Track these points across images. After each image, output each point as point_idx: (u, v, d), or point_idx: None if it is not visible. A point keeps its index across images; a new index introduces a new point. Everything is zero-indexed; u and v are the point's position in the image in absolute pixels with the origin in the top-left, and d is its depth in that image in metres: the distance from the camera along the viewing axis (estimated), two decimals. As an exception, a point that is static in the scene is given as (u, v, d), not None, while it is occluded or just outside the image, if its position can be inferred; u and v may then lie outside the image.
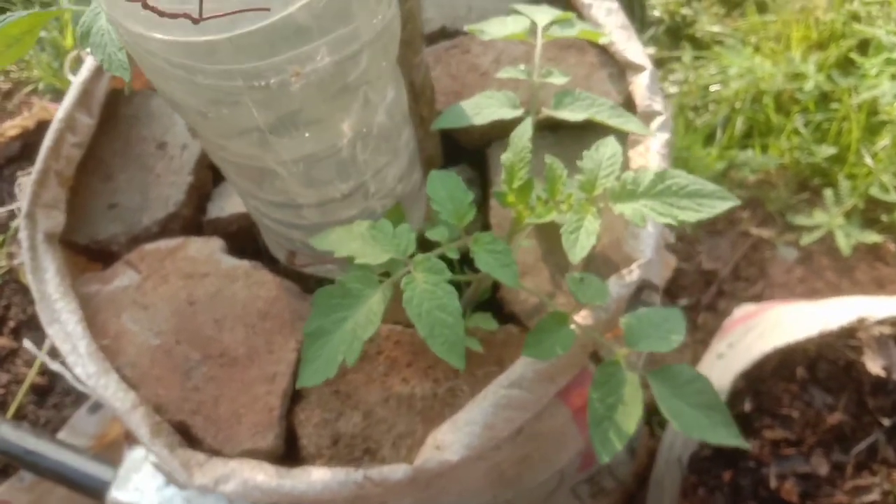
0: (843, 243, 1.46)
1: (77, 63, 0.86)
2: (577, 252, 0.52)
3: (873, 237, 1.45)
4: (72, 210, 0.79)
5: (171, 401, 0.68)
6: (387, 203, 0.65)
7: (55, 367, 0.72)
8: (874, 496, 0.90)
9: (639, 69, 0.74)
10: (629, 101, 0.76)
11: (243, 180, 0.58)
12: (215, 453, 0.65)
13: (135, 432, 0.64)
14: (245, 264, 0.73)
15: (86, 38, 0.52)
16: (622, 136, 0.70)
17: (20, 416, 1.17)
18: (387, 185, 0.63)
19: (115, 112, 0.85)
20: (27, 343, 0.82)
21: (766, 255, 1.53)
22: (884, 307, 0.95)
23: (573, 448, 0.76)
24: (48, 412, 1.17)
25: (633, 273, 0.66)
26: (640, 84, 0.73)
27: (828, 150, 1.51)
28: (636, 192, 0.54)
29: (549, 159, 0.58)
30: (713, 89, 1.64)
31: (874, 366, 0.95)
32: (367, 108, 0.53)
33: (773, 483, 0.91)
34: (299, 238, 0.65)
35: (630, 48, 0.75)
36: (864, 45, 1.58)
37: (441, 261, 0.52)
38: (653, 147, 0.70)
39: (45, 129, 0.79)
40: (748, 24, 1.71)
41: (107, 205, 0.80)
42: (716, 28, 1.73)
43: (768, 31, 1.68)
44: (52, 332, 0.69)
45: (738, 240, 1.55)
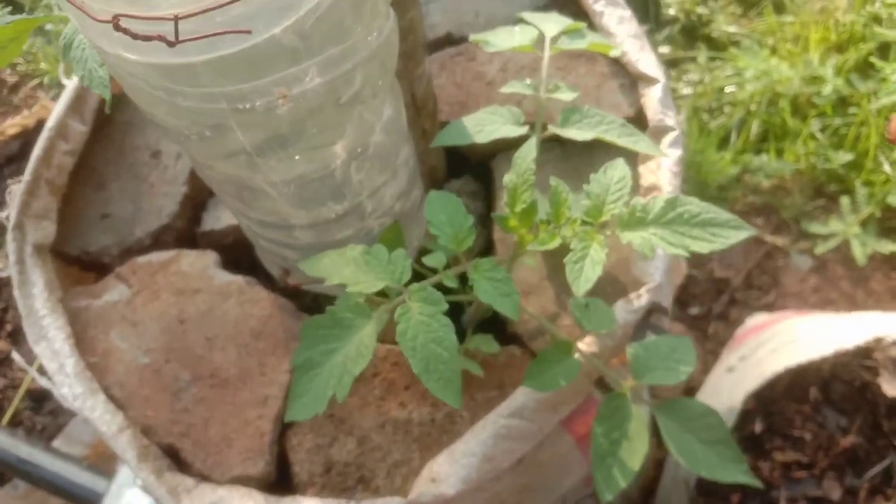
0: (859, 252, 1.42)
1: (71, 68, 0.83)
2: (581, 284, 0.49)
3: (890, 246, 1.41)
4: (63, 219, 0.77)
5: (159, 423, 0.65)
6: (384, 222, 0.62)
7: (44, 383, 0.70)
8: (888, 523, 0.87)
9: (651, 81, 0.71)
10: (640, 114, 0.73)
11: (233, 200, 0.55)
12: (204, 478, 0.63)
13: (121, 457, 0.62)
14: (239, 280, 0.71)
15: (67, 50, 0.50)
16: (632, 152, 0.67)
17: (16, 422, 1.16)
18: (384, 205, 0.60)
19: (109, 119, 0.82)
20: (16, 356, 0.80)
21: (779, 264, 1.49)
22: (902, 327, 0.92)
23: (577, 474, 0.73)
24: (45, 418, 1.15)
25: (641, 298, 0.63)
26: (653, 97, 0.70)
27: (845, 156, 1.47)
28: (645, 219, 0.51)
29: (553, 181, 0.55)
30: (728, 91, 1.60)
31: (890, 388, 0.91)
32: (362, 128, 0.50)
33: (784, 508, 0.89)
34: (293, 257, 0.63)
35: (643, 59, 0.72)
36: (885, 49, 1.54)
37: (437, 291, 0.49)
38: (664, 164, 0.67)
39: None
40: (765, 25, 1.66)
41: (99, 215, 0.78)
42: (732, 28, 1.68)
43: (786, 32, 1.64)
44: (39, 350, 0.67)
45: (752, 247, 1.51)
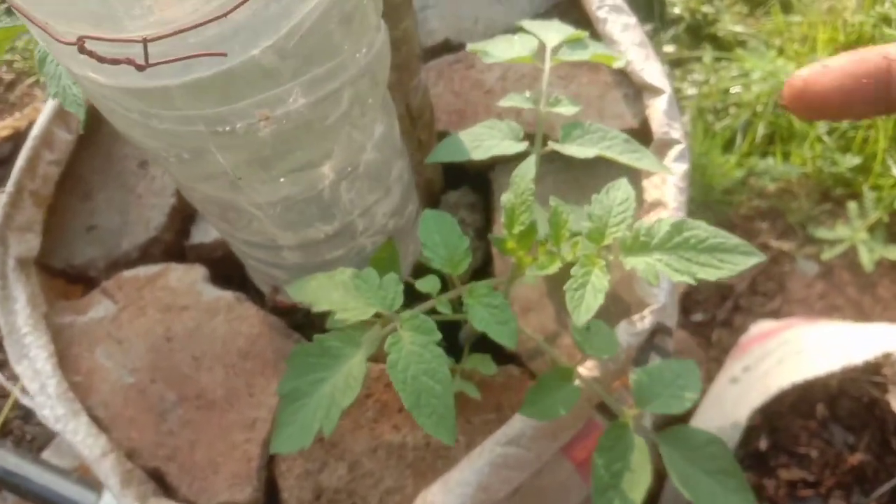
0: (866, 258, 1.39)
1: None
2: (581, 314, 0.46)
3: (898, 253, 1.38)
4: (48, 230, 0.75)
5: (144, 445, 0.63)
6: (377, 240, 0.60)
7: (28, 402, 0.67)
8: (897, 544, 0.85)
9: (657, 92, 0.68)
10: (645, 126, 0.71)
11: (218, 221, 0.53)
12: (190, 504, 0.61)
13: (104, 482, 0.60)
14: (227, 296, 0.68)
15: (42, 65, 0.47)
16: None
17: (6, 431, 1.14)
18: (377, 223, 0.57)
19: (96, 126, 0.79)
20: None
21: (785, 269, 1.47)
22: (913, 342, 0.89)
23: (576, 499, 0.71)
24: (35, 428, 1.13)
25: (645, 320, 0.61)
26: (658, 108, 0.67)
27: (852, 159, 1.44)
28: (650, 244, 0.48)
29: (553, 201, 0.52)
30: (734, 92, 1.57)
31: (900, 404, 0.89)
32: (351, 148, 0.47)
33: (789, 527, 0.86)
34: (282, 277, 0.60)
35: (648, 68, 0.69)
36: (895, 50, 1.50)
37: (431, 318, 0.47)
38: (670, 179, 0.64)
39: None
40: (772, 25, 1.63)
41: (85, 226, 0.75)
42: (738, 28, 1.65)
43: (793, 32, 1.61)
44: (20, 369, 0.64)
45: (757, 252, 1.48)
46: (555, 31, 0.63)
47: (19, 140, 1.43)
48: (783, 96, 0.32)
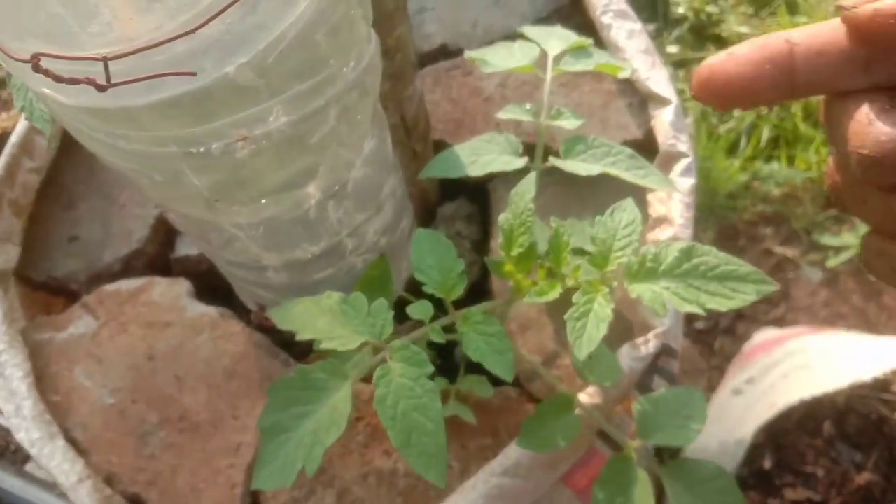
0: (873, 266, 1.36)
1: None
2: (582, 346, 0.43)
3: (905, 261, 1.35)
4: (29, 241, 0.72)
5: (124, 470, 0.60)
6: (369, 258, 0.57)
7: (2, 422, 0.64)
8: (906, 568, 0.82)
9: (663, 102, 0.65)
10: (650, 137, 0.68)
11: (198, 240, 0.50)
12: (171, 533, 0.58)
13: (80, 510, 0.57)
14: (212, 312, 0.65)
15: (10, 77, 0.44)
16: (641, 182, 0.62)
17: (-11, 442, 1.11)
18: (368, 241, 0.54)
19: (78, 131, 0.76)
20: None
21: (789, 276, 1.44)
22: (923, 358, 0.86)
23: (575, 525, 0.68)
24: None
25: (649, 343, 0.58)
26: (664, 120, 0.64)
27: (859, 164, 1.41)
28: (657, 270, 0.45)
29: (554, 222, 0.49)
30: (738, 95, 1.54)
31: (910, 422, 0.86)
32: (338, 165, 0.44)
33: (795, 550, 0.84)
34: (268, 297, 0.57)
35: (654, 77, 0.66)
36: (904, 52, 1.47)
37: (422, 351, 0.44)
38: (676, 195, 0.61)
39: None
40: (778, 26, 1.60)
41: (67, 237, 0.72)
42: (743, 28, 1.62)
43: (799, 33, 1.58)
44: (-7, 388, 0.61)
45: (761, 259, 1.45)
46: (557, 39, 0.60)
47: (6, 142, 1.40)
48: (692, 87, 0.30)
